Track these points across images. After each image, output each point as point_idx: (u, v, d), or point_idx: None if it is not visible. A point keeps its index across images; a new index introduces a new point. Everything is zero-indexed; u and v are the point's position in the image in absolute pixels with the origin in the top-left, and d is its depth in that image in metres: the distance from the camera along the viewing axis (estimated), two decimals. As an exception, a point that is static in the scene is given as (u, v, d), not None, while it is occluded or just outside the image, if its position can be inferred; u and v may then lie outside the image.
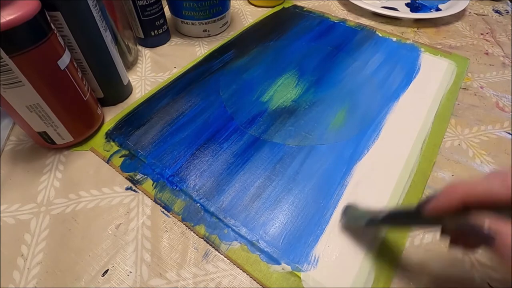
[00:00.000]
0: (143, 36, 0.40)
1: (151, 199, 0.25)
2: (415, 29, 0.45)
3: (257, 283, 0.21)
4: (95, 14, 0.26)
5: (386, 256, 0.22)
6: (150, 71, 0.37)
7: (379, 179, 0.26)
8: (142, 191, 0.26)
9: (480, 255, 0.22)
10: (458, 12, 0.46)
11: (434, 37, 0.44)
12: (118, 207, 0.25)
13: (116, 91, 0.33)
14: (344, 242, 0.23)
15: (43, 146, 0.28)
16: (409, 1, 0.51)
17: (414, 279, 0.21)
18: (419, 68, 0.37)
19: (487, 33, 0.45)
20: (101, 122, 0.31)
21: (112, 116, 0.32)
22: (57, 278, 0.21)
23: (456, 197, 0.15)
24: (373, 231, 0.23)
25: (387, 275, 0.21)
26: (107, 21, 0.30)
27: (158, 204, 0.25)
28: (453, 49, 0.41)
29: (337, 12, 0.49)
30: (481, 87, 0.35)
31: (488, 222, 0.14)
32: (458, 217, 0.15)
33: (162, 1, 0.39)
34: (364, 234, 0.23)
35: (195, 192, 0.25)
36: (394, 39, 0.42)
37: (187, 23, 0.42)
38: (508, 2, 0.52)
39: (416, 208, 0.17)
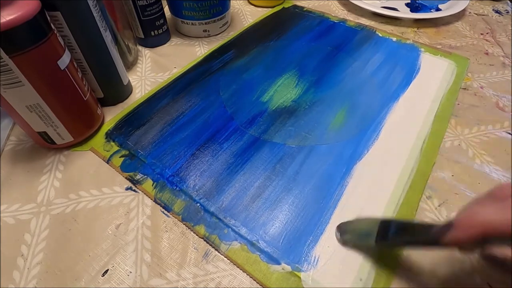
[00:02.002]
0: (143, 36, 0.40)
1: (151, 199, 0.25)
2: (415, 29, 0.45)
3: (257, 283, 0.21)
4: (95, 14, 0.26)
5: (386, 256, 0.22)
6: (150, 71, 0.37)
7: (379, 179, 0.26)
8: (142, 191, 0.26)
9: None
10: (458, 12, 0.46)
11: (434, 37, 0.44)
12: (118, 207, 0.25)
13: (116, 91, 0.33)
14: (344, 242, 0.23)
15: (43, 146, 0.28)
16: (409, 1, 0.51)
17: (414, 279, 0.21)
18: (419, 68, 0.37)
19: (487, 33, 0.45)
20: (101, 122, 0.31)
21: (112, 116, 0.32)
22: (57, 278, 0.21)
23: (476, 230, 0.15)
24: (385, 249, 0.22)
25: (387, 275, 0.21)
26: (107, 21, 0.30)
27: (158, 204, 0.25)
28: (453, 49, 0.41)
29: (337, 12, 0.49)
30: (481, 87, 0.35)
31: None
32: (476, 246, 0.16)
33: (162, 1, 0.39)
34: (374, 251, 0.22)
35: (195, 192, 0.25)
36: (394, 39, 0.42)
37: (187, 23, 0.42)
38: (508, 2, 0.52)
39: (432, 234, 0.17)
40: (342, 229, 0.23)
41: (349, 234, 0.22)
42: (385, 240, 0.20)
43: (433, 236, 0.17)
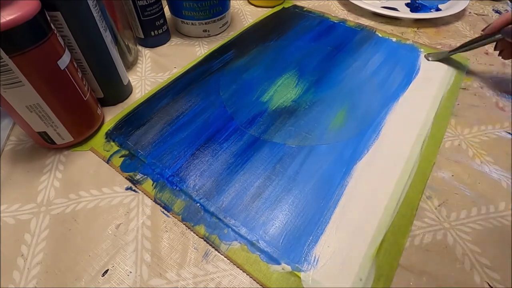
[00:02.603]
0: (143, 36, 0.40)
1: (151, 199, 0.25)
2: (415, 29, 0.45)
3: (257, 283, 0.21)
4: (95, 14, 0.26)
5: (386, 256, 0.22)
6: (150, 71, 0.37)
7: (379, 179, 0.26)
8: (142, 191, 0.26)
9: (480, 255, 0.22)
10: (458, 12, 0.46)
11: (434, 37, 0.44)
12: (118, 207, 0.25)
13: (116, 91, 0.33)
14: (344, 242, 0.23)
15: (43, 146, 0.28)
16: (409, 1, 0.51)
17: (414, 279, 0.21)
18: (419, 68, 0.37)
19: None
20: (101, 122, 0.31)
21: (112, 116, 0.32)
22: (57, 278, 0.21)
23: (505, 17, 0.30)
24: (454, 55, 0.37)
25: (387, 275, 0.21)
26: (107, 21, 0.30)
27: (158, 204, 0.25)
28: (453, 49, 0.41)
29: (337, 12, 0.49)
30: (481, 87, 0.35)
31: None
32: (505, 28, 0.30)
33: (162, 1, 0.39)
34: (449, 59, 0.38)
35: (195, 192, 0.25)
36: (394, 39, 0.42)
37: (187, 23, 0.42)
38: (508, 2, 0.52)
39: (477, 37, 0.34)
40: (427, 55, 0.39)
41: (431, 55, 0.39)
42: (453, 50, 0.36)
43: (478, 36, 0.34)
